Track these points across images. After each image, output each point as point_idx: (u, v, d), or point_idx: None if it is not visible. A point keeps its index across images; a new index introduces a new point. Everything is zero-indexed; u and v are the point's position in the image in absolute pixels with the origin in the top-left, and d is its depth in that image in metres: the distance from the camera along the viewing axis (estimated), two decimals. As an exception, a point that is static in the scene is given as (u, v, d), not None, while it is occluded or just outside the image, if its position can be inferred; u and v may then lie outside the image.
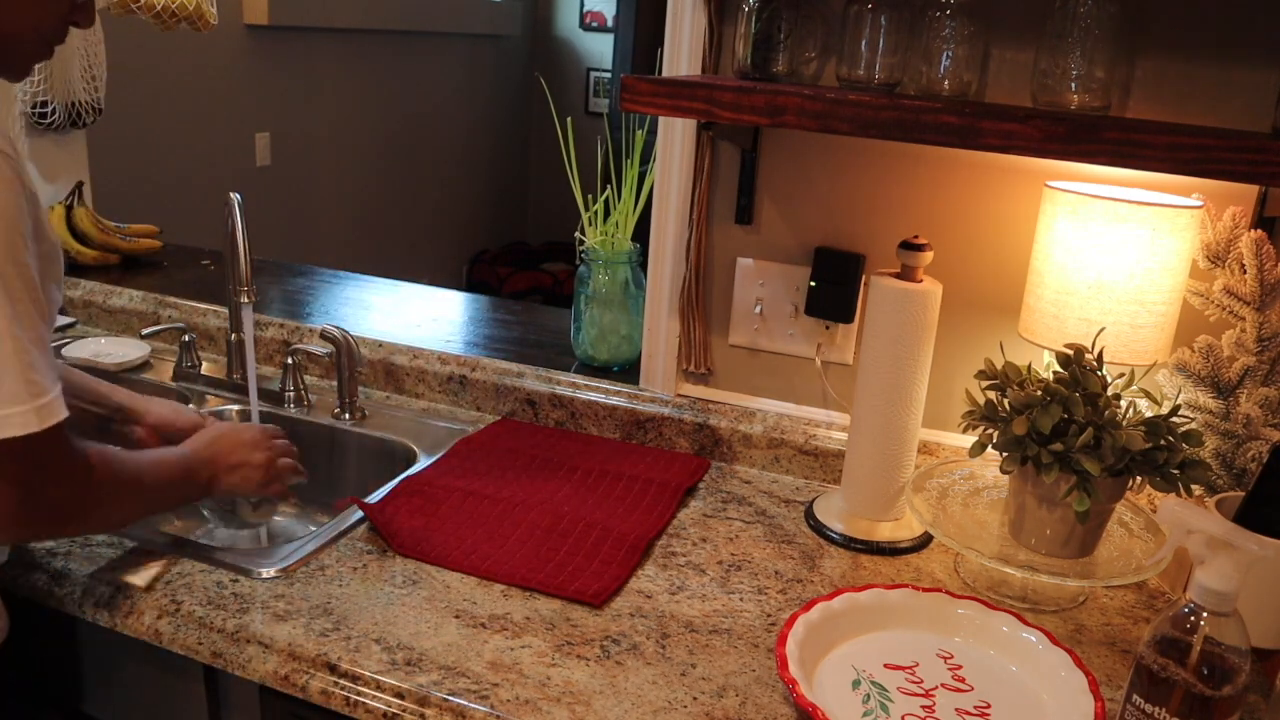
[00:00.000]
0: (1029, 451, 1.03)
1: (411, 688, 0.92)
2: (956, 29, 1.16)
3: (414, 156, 4.77)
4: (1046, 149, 1.00)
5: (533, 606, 1.05)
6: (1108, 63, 1.11)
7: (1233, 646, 0.78)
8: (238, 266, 1.38)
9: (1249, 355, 1.12)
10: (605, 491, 1.30)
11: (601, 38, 5.67)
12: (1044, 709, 0.95)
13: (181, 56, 3.26)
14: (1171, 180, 1.12)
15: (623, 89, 1.15)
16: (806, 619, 1.01)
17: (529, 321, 1.81)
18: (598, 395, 1.49)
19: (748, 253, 1.39)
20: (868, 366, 1.21)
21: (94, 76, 1.88)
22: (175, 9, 1.69)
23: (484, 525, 1.19)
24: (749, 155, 1.35)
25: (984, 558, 1.06)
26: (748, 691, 0.95)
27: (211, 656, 0.98)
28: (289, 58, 3.81)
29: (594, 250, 1.55)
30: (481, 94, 5.32)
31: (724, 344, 1.44)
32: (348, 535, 1.17)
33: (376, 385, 1.61)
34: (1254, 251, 1.09)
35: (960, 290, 1.29)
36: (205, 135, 3.45)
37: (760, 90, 1.10)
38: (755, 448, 1.41)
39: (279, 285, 1.93)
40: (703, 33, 1.30)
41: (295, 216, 3.95)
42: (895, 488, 1.23)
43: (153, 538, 1.14)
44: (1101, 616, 1.11)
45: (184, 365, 1.60)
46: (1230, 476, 1.13)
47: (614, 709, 0.91)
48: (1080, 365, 1.06)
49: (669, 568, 1.15)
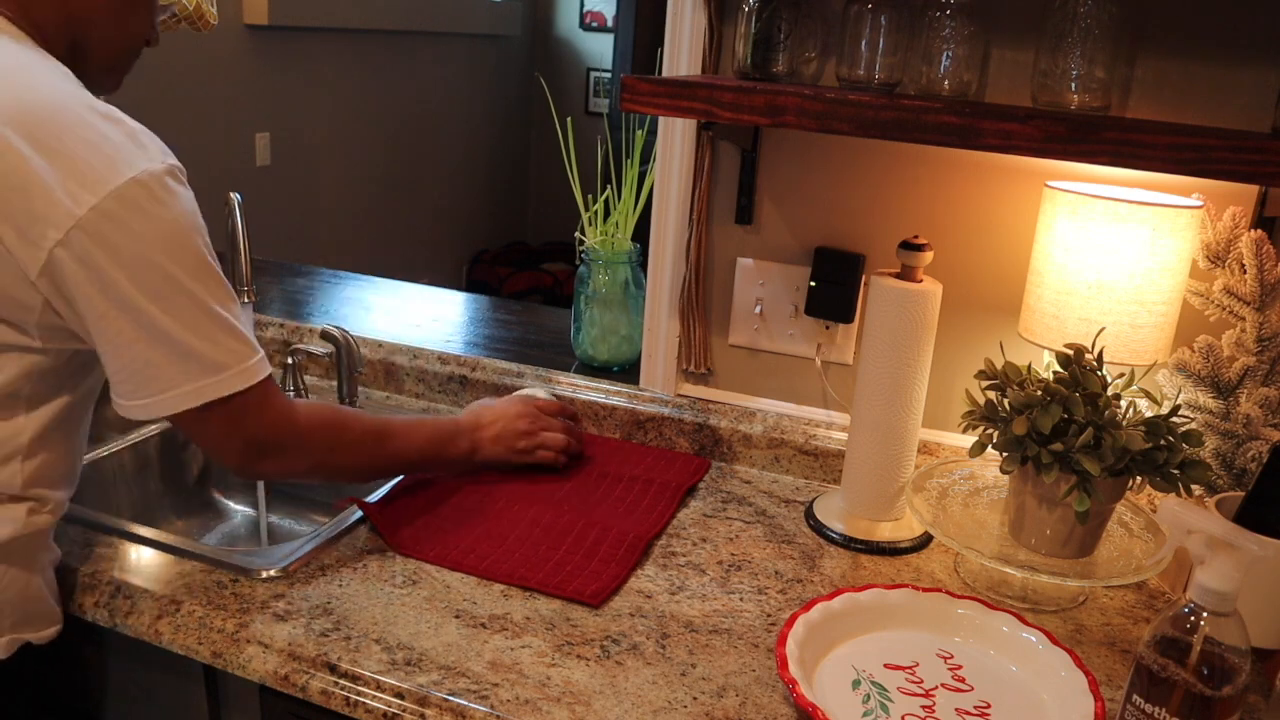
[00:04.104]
0: (1029, 451, 1.03)
1: (411, 688, 0.92)
2: (956, 29, 1.15)
3: (414, 156, 4.77)
4: (1046, 149, 1.00)
5: (533, 606, 1.05)
6: (1108, 63, 1.11)
7: (1233, 646, 0.78)
8: (238, 266, 1.38)
9: (1249, 355, 1.12)
10: (606, 491, 1.30)
11: (601, 38, 5.67)
12: (1044, 709, 0.95)
13: (181, 56, 3.26)
14: (1171, 180, 1.12)
15: (623, 89, 1.15)
16: (806, 619, 1.01)
17: (529, 321, 1.81)
18: (598, 395, 1.49)
19: (748, 253, 1.39)
20: (868, 366, 1.21)
21: (94, 76, 1.88)
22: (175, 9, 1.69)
23: (484, 525, 1.19)
24: (749, 155, 1.35)
25: (984, 558, 1.06)
26: (748, 691, 0.95)
27: (211, 656, 0.98)
28: (289, 58, 3.81)
29: (594, 250, 1.55)
30: (481, 94, 5.32)
31: (724, 344, 1.44)
32: (348, 535, 1.17)
33: (376, 385, 1.61)
34: (1254, 251, 1.09)
35: (960, 290, 1.29)
36: (205, 135, 3.45)
37: (760, 90, 1.10)
38: (755, 448, 1.41)
39: (279, 285, 1.93)
40: (703, 33, 1.30)
41: (295, 216, 3.95)
42: (895, 488, 1.23)
43: (153, 537, 1.14)
44: (1101, 616, 1.11)
45: (184, 365, 1.60)
46: (1230, 476, 1.13)
47: (614, 709, 0.91)
48: (1080, 365, 1.06)
49: (669, 567, 1.15)
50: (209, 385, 0.93)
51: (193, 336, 0.92)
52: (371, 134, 4.40)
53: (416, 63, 4.65)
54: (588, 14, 5.70)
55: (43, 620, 1.00)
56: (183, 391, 0.93)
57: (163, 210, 0.89)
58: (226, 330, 0.94)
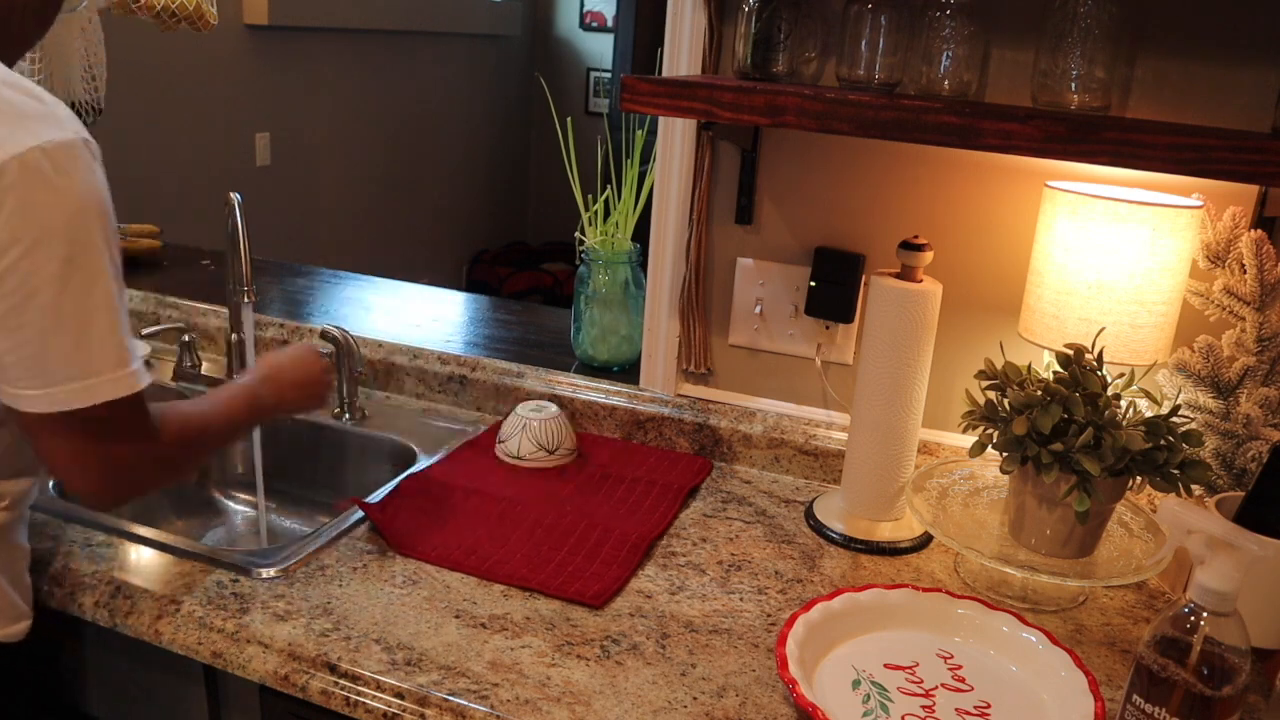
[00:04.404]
0: (1029, 451, 1.03)
1: (411, 688, 0.92)
2: (956, 29, 1.15)
3: (414, 156, 4.77)
4: (1046, 149, 1.00)
5: (533, 606, 1.05)
6: (1108, 63, 1.11)
7: (1233, 646, 0.78)
8: (238, 266, 1.38)
9: (1249, 355, 1.12)
10: (608, 493, 1.30)
11: (601, 38, 5.67)
12: (1044, 709, 0.95)
13: (181, 56, 3.26)
14: (1171, 180, 1.12)
15: (623, 89, 1.15)
16: (806, 619, 1.01)
17: (529, 321, 1.81)
18: (598, 395, 1.49)
19: (748, 253, 1.39)
20: (868, 366, 1.21)
21: (94, 76, 1.88)
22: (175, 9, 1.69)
23: (484, 525, 1.19)
24: (749, 155, 1.35)
25: (984, 558, 1.06)
26: (748, 691, 0.95)
27: (211, 656, 0.98)
28: (289, 58, 3.81)
29: (594, 250, 1.55)
30: (481, 94, 5.32)
31: (724, 344, 1.44)
32: (348, 535, 1.17)
33: (376, 385, 1.61)
34: (1254, 251, 1.09)
35: (960, 290, 1.29)
36: (205, 135, 3.45)
37: (760, 90, 1.10)
38: (755, 448, 1.41)
39: (279, 285, 1.93)
40: (703, 33, 1.30)
41: (295, 216, 3.95)
42: (895, 488, 1.23)
43: (153, 537, 1.14)
44: (1101, 616, 1.11)
45: (184, 365, 1.60)
46: (1230, 476, 1.13)
47: (614, 709, 0.91)
48: (1080, 365, 1.06)
49: (669, 568, 1.15)
50: (79, 389, 0.85)
51: (76, 327, 0.84)
52: (371, 134, 4.40)
53: (416, 63, 4.65)
54: (588, 14, 5.70)
55: (4, 617, 0.98)
56: (53, 392, 0.84)
57: (67, 182, 0.83)
58: (110, 328, 0.86)
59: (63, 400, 0.85)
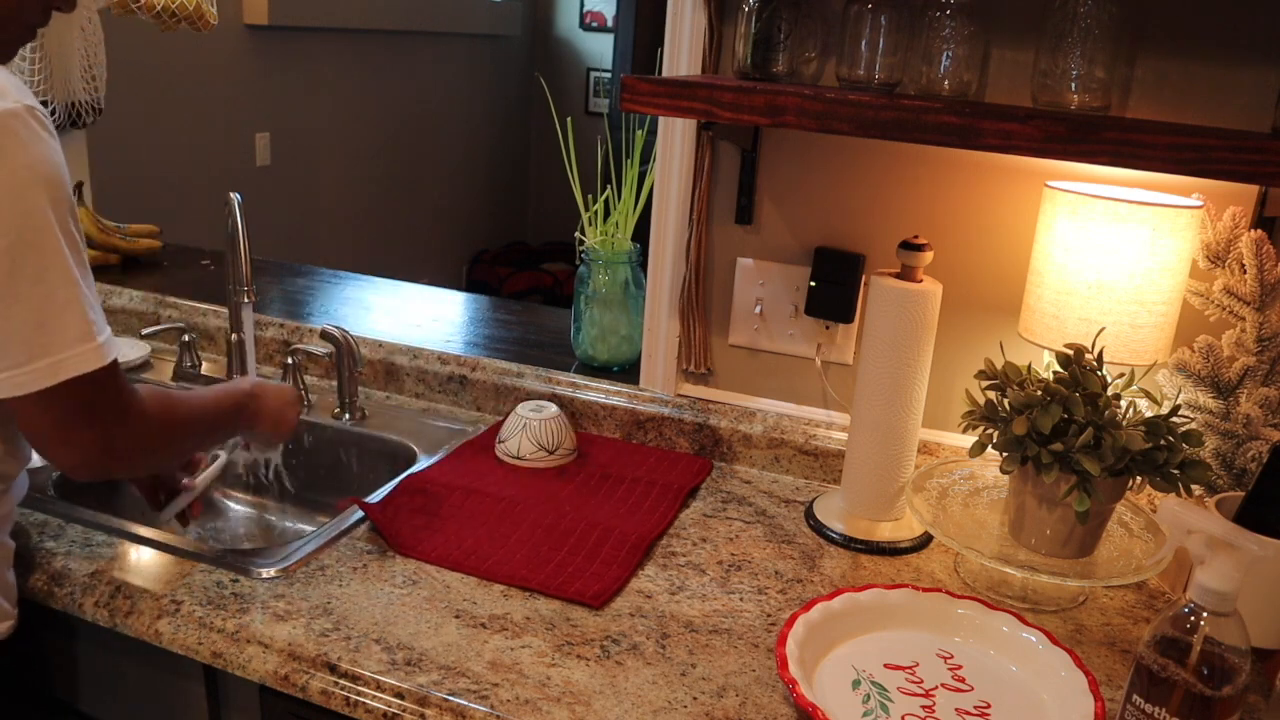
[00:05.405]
0: (1029, 451, 1.03)
1: (411, 688, 0.92)
2: (956, 29, 1.15)
3: (414, 156, 4.77)
4: (1046, 149, 1.00)
5: (533, 606, 1.05)
6: (1108, 63, 1.11)
7: (1233, 646, 0.78)
8: (238, 266, 1.38)
9: (1249, 355, 1.12)
10: (608, 493, 1.30)
11: (601, 38, 5.67)
12: (1044, 709, 0.95)
13: (181, 56, 3.26)
14: (1171, 180, 1.12)
15: (623, 89, 1.15)
16: (806, 619, 1.01)
17: (529, 321, 1.81)
18: (598, 395, 1.49)
19: (748, 253, 1.39)
20: (868, 366, 1.21)
21: (94, 76, 1.88)
22: (175, 9, 1.69)
23: (484, 525, 1.19)
24: (749, 155, 1.35)
25: (984, 558, 1.06)
26: (748, 691, 0.95)
27: (211, 656, 0.98)
28: (289, 58, 3.81)
29: (594, 250, 1.55)
30: (481, 94, 5.32)
31: (724, 344, 1.44)
32: (348, 535, 1.17)
33: (376, 385, 1.61)
34: (1254, 251, 1.09)
35: (960, 290, 1.29)
36: (205, 135, 3.45)
37: (760, 90, 1.10)
38: (755, 448, 1.41)
39: (279, 285, 1.93)
40: (703, 33, 1.30)
41: (295, 216, 3.95)
42: (895, 488, 1.23)
43: (153, 537, 1.14)
44: (1101, 616, 1.11)
45: (184, 365, 1.60)
46: (1230, 476, 1.13)
47: (614, 709, 0.91)
48: (1080, 365, 1.06)
49: (669, 568, 1.15)
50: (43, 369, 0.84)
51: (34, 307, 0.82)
52: (371, 134, 4.40)
53: (416, 63, 4.65)
54: (588, 14, 5.70)
55: None
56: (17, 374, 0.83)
57: (17, 149, 0.80)
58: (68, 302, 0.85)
59: (28, 382, 0.84)
